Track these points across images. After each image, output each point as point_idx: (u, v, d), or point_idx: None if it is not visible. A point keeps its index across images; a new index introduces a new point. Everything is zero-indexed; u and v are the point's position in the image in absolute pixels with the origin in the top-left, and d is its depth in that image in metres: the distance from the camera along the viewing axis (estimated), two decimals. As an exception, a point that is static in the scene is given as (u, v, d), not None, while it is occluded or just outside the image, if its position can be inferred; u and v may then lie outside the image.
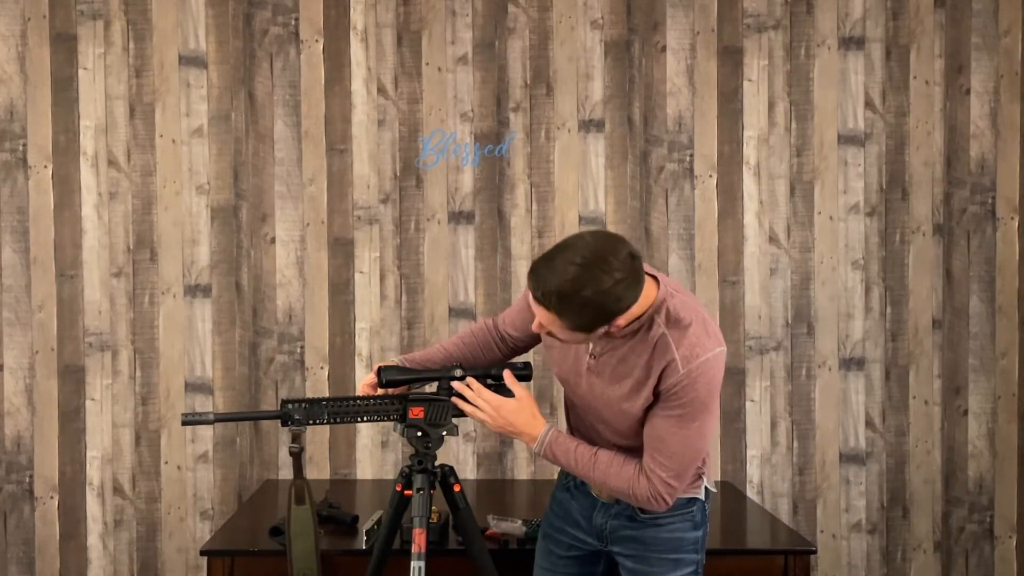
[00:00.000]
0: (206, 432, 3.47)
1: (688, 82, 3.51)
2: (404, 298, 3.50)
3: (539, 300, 1.91)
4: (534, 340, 2.38)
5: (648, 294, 1.98)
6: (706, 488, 2.21)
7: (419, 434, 2.17)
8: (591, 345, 2.08)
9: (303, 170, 3.49)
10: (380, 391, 2.23)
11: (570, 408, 2.28)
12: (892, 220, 3.53)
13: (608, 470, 2.08)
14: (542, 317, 1.95)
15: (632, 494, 2.07)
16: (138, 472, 3.48)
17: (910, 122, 3.52)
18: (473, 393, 2.14)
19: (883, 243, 3.53)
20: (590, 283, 1.85)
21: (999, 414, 3.52)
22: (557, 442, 2.12)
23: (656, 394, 2.02)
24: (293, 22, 3.49)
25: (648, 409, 2.04)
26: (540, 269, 1.90)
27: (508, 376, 2.17)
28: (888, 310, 3.53)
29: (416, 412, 2.17)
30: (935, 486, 3.54)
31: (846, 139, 3.53)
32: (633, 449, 2.11)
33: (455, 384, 2.16)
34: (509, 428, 2.13)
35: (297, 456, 2.16)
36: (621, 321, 1.93)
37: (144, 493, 3.48)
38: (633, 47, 3.51)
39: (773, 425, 3.52)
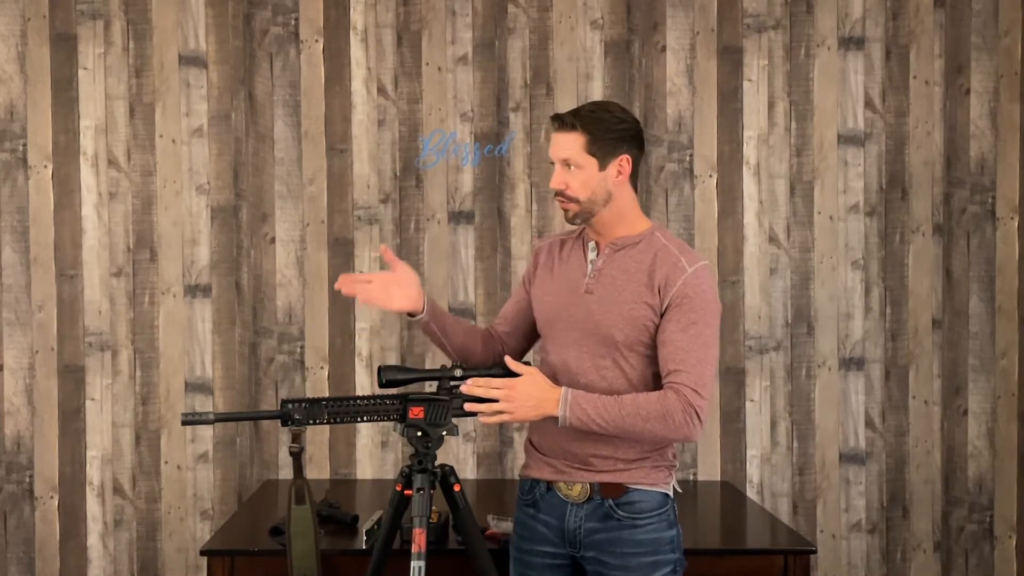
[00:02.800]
0: (206, 432, 3.47)
1: (688, 82, 3.51)
2: (404, 298, 3.49)
3: (566, 122, 2.16)
4: (521, 338, 2.41)
5: (645, 219, 2.27)
6: (674, 488, 2.23)
7: (419, 434, 2.17)
8: (590, 264, 2.22)
9: (303, 170, 3.49)
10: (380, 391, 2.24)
11: (551, 375, 2.25)
12: (892, 220, 3.53)
13: (636, 401, 2.08)
14: (565, 145, 2.16)
15: (667, 414, 2.06)
16: (138, 472, 3.48)
17: (910, 122, 3.53)
18: (483, 388, 2.11)
19: (883, 243, 3.53)
20: (615, 105, 2.25)
21: (999, 414, 3.52)
22: (580, 395, 2.10)
23: (667, 304, 2.12)
24: (293, 22, 3.49)
25: (652, 331, 2.14)
26: (564, 112, 2.20)
27: (509, 360, 2.16)
28: (888, 310, 3.54)
29: (416, 412, 2.17)
30: (935, 486, 3.54)
31: (846, 139, 3.53)
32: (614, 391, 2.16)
33: (464, 388, 2.13)
34: (530, 403, 2.10)
35: (297, 456, 2.16)
36: (626, 168, 2.19)
37: (144, 493, 3.48)
38: (633, 47, 3.51)
39: (773, 425, 3.52)
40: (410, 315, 2.28)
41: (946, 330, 3.54)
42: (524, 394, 2.10)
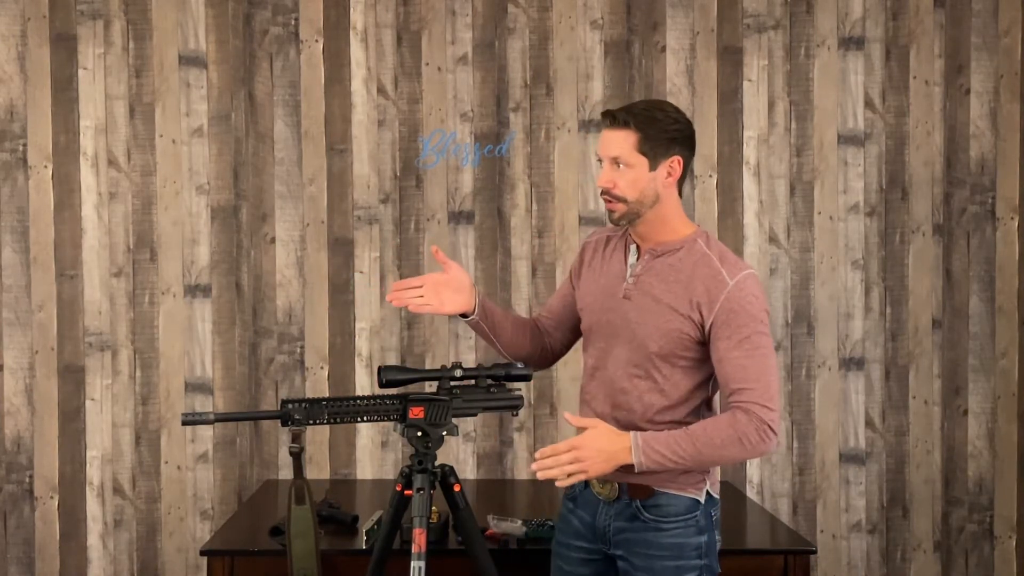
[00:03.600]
0: (206, 432, 3.47)
1: (688, 82, 3.51)
2: (404, 298, 3.49)
3: (619, 118, 2.12)
4: (567, 332, 2.39)
5: (689, 223, 2.22)
6: (709, 492, 2.19)
7: (419, 434, 2.17)
8: (630, 269, 2.19)
9: (303, 170, 3.49)
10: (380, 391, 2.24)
11: (588, 374, 2.26)
12: (892, 220, 3.53)
13: (706, 429, 2.05)
14: (615, 142, 2.12)
15: (741, 436, 2.03)
16: (138, 472, 3.48)
17: (910, 122, 3.52)
18: (551, 460, 2.04)
19: (883, 243, 3.53)
20: (668, 104, 2.22)
21: (999, 414, 3.52)
22: (650, 438, 2.05)
23: (712, 321, 2.09)
24: (293, 22, 3.49)
25: (688, 342, 2.12)
26: (617, 108, 2.17)
27: (569, 416, 2.12)
28: (888, 310, 3.54)
29: (416, 412, 2.17)
30: (935, 486, 3.54)
31: (846, 139, 3.53)
32: (652, 405, 2.14)
33: (535, 467, 2.05)
34: (601, 458, 2.04)
35: (297, 456, 2.16)
36: (677, 169, 2.15)
37: (144, 493, 3.48)
38: (633, 47, 3.51)
39: (773, 425, 3.52)
40: (462, 315, 2.28)
41: (946, 330, 3.54)
42: (594, 451, 2.04)
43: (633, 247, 2.22)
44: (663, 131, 2.13)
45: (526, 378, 2.24)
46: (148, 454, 3.47)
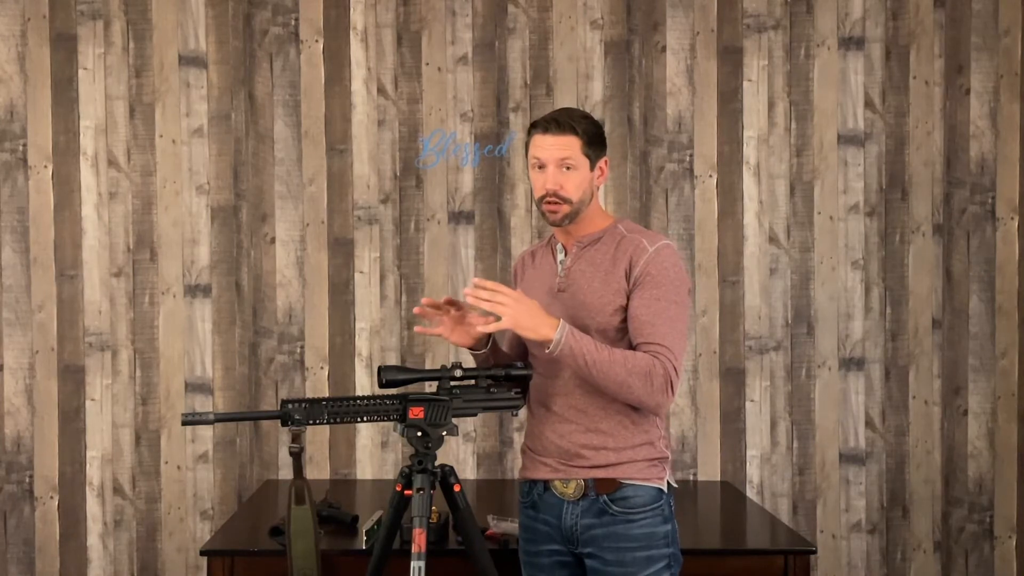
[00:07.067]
0: (206, 432, 3.47)
1: (688, 82, 3.51)
2: (404, 298, 3.50)
3: (563, 124, 2.21)
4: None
5: (608, 215, 2.35)
6: (668, 482, 2.25)
7: (419, 434, 2.17)
8: (560, 266, 2.30)
9: (303, 170, 3.49)
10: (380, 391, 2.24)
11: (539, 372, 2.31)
12: (892, 220, 3.53)
13: (626, 354, 2.11)
14: (564, 145, 2.20)
15: (651, 374, 2.10)
16: (138, 472, 3.48)
17: (910, 122, 3.53)
18: (488, 292, 2.10)
19: (883, 243, 3.53)
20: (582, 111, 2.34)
21: (999, 414, 3.52)
22: (576, 331, 2.12)
23: (632, 283, 2.19)
24: (293, 22, 3.49)
25: (624, 314, 2.20)
26: (552, 116, 2.24)
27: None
28: (888, 310, 3.54)
29: (416, 412, 2.17)
30: (935, 486, 3.54)
31: (846, 139, 3.53)
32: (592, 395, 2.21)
33: (468, 291, 2.11)
34: (531, 314, 2.10)
35: (297, 456, 2.16)
36: (605, 169, 2.30)
37: (144, 493, 3.48)
38: (633, 47, 3.51)
39: (773, 425, 3.52)
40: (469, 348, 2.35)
41: (946, 330, 3.54)
42: (529, 305, 2.11)
43: (559, 247, 2.32)
44: (597, 135, 2.26)
45: (526, 378, 2.25)
46: (148, 454, 3.48)
